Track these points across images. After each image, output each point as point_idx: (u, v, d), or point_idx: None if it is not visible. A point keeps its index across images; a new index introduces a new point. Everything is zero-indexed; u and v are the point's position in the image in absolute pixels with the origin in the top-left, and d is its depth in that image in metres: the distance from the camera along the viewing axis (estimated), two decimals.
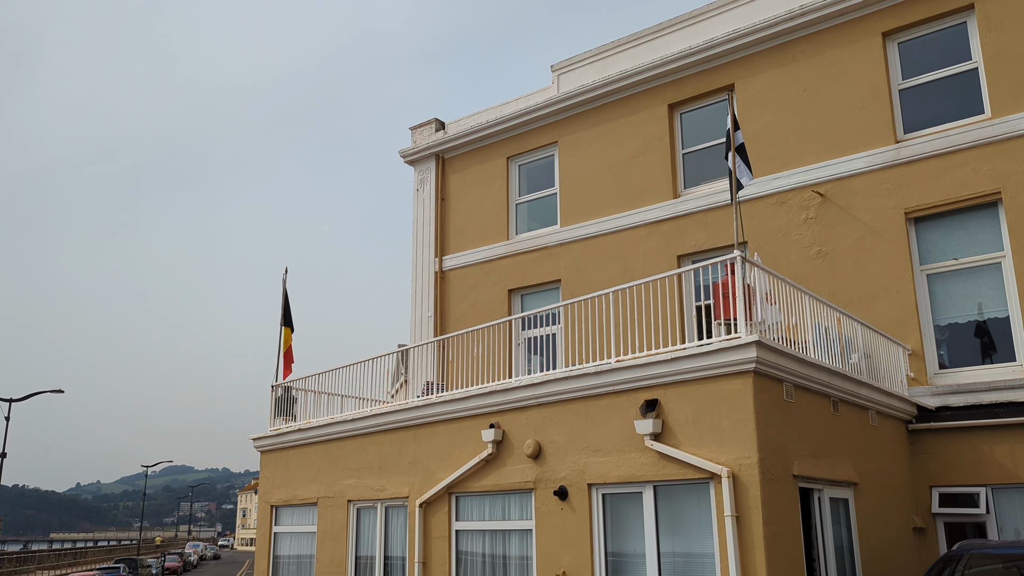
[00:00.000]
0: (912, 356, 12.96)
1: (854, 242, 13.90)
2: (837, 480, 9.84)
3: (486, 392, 11.05)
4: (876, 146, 14.01)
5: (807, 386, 9.57)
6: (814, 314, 10.44)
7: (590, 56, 18.27)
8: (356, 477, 12.98)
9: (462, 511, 11.34)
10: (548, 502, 10.15)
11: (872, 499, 10.70)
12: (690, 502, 8.95)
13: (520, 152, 18.95)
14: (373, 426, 12.77)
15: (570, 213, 17.68)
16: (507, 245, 18.51)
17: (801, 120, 14.92)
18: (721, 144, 16.00)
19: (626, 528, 9.46)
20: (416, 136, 20.96)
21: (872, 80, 14.27)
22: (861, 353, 11.40)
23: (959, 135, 13.21)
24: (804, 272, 14.25)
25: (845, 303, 13.63)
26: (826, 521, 9.53)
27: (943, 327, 13.10)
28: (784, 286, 9.94)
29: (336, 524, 13.16)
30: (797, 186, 14.67)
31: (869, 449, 10.92)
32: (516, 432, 10.72)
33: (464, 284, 19.12)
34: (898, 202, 13.60)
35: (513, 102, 19.32)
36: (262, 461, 15.15)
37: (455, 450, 11.48)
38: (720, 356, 8.74)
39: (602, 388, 9.80)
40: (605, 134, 17.49)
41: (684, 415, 9.05)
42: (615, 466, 9.52)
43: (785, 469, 8.83)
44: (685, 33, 16.90)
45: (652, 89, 16.96)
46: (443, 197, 20.13)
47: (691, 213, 15.83)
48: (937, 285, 13.24)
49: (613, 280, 16.43)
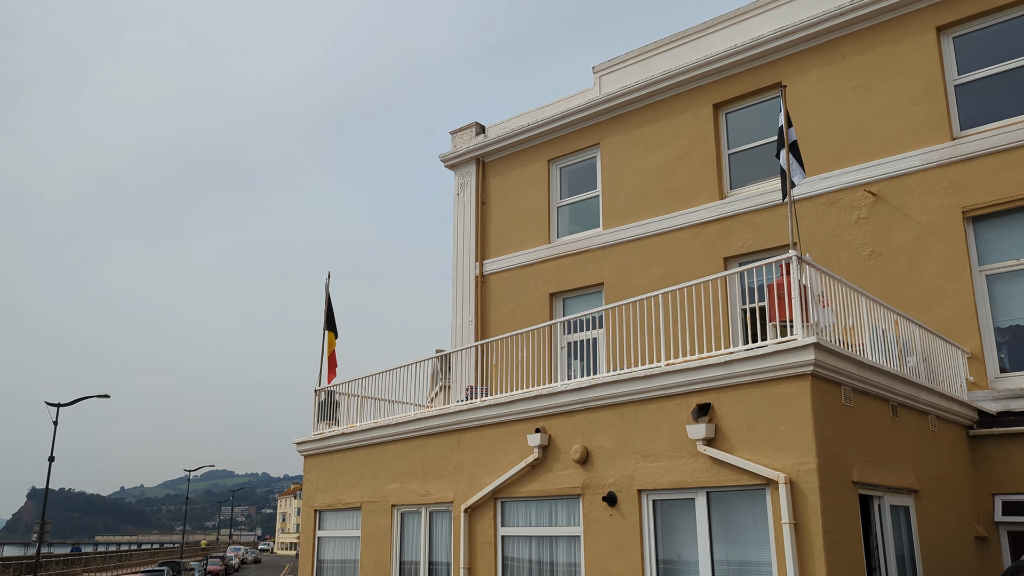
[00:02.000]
0: (971, 359, 12.54)
1: (908, 242, 13.51)
2: (897, 487, 9.51)
3: (532, 396, 10.88)
4: (931, 143, 13.61)
5: (865, 390, 9.26)
6: (871, 316, 10.12)
7: (632, 57, 18.06)
8: (400, 482, 12.88)
9: (508, 517, 11.18)
10: (596, 508, 9.95)
11: (933, 507, 10.33)
12: (745, 509, 8.68)
13: (561, 155, 18.78)
14: (417, 430, 12.67)
15: (612, 215, 17.47)
16: (548, 248, 18.34)
17: (851, 118, 14.55)
18: (768, 144, 15.69)
19: (678, 535, 9.22)
20: (456, 140, 20.90)
21: (926, 76, 13.87)
22: (919, 356, 11.03)
23: (1019, 131, 12.76)
24: (856, 274, 13.88)
25: (899, 305, 13.23)
26: (887, 529, 9.20)
27: (1003, 329, 12.65)
28: (840, 287, 9.64)
29: (380, 529, 13.08)
30: (848, 185, 14.31)
31: (929, 455, 10.55)
32: (563, 437, 10.53)
33: (505, 288, 18.98)
34: (955, 201, 13.18)
35: (554, 104, 19.18)
36: (305, 465, 15.13)
37: (500, 455, 11.33)
38: (776, 359, 8.47)
39: (652, 392, 9.58)
40: (648, 135, 17.26)
41: (738, 419, 8.79)
42: (666, 472, 9.29)
43: (844, 475, 8.53)
44: (729, 32, 16.63)
45: (696, 89, 16.70)
46: (483, 201, 20.03)
47: (738, 214, 15.53)
48: (997, 286, 12.80)
49: (657, 283, 16.18)
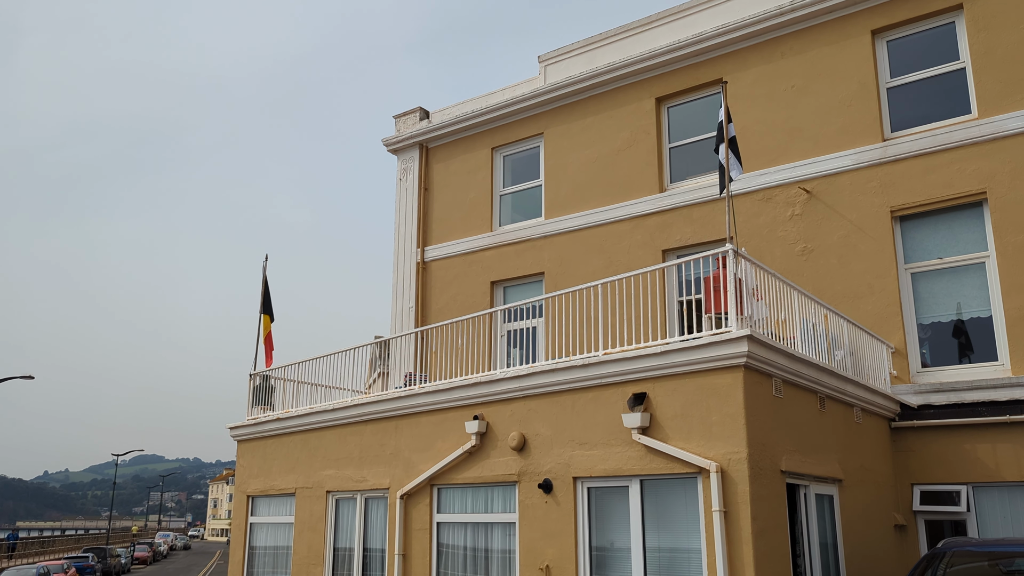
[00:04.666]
0: (895, 354, 12.99)
1: (839, 239, 13.90)
2: (823, 476, 9.82)
3: (471, 383, 10.91)
4: (863, 144, 14.01)
5: (795, 382, 9.53)
6: (802, 310, 10.40)
7: (577, 48, 18.14)
8: (335, 468, 12.79)
9: (444, 503, 11.20)
10: (532, 495, 10.04)
11: (856, 496, 10.70)
12: (677, 497, 8.87)
13: (505, 143, 18.79)
14: (354, 416, 12.59)
15: (555, 205, 17.56)
16: (490, 237, 18.35)
17: (788, 116, 14.89)
18: (707, 139, 15.94)
19: (612, 522, 9.37)
20: (400, 125, 20.72)
21: (860, 78, 14.26)
22: (847, 350, 11.40)
23: (946, 134, 13.23)
24: (789, 269, 14.24)
25: (829, 300, 13.63)
26: (811, 517, 9.50)
27: (926, 326, 13.14)
28: (773, 281, 9.88)
29: (314, 515, 12.97)
30: (783, 182, 14.65)
31: (853, 446, 10.92)
32: (500, 424, 10.59)
33: (446, 275, 18.94)
34: (884, 200, 13.61)
35: (499, 92, 19.15)
36: (239, 450, 14.91)
37: (437, 442, 11.34)
38: (711, 350, 8.66)
39: (589, 381, 9.70)
40: (591, 127, 17.38)
41: (672, 409, 8.97)
42: (601, 459, 9.42)
43: (773, 465, 8.78)
44: (673, 27, 16.82)
45: (639, 82, 16.87)
46: (426, 187, 19.92)
47: (677, 208, 15.77)
48: (921, 284, 13.27)
49: (597, 273, 16.33)
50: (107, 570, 49.43)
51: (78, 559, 45.19)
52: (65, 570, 39.99)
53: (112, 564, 50.54)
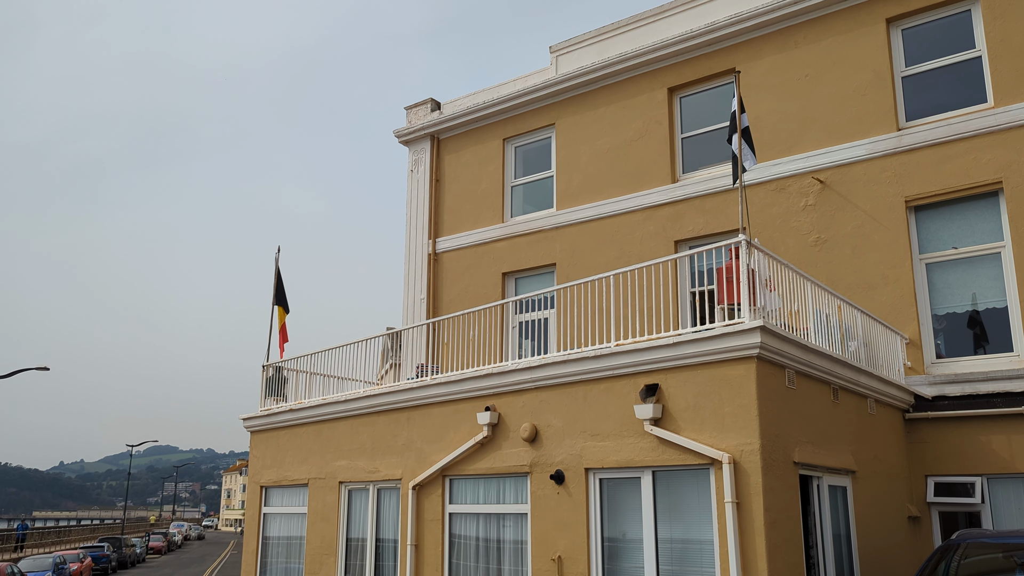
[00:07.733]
0: (910, 345, 12.91)
1: (853, 230, 13.81)
2: (836, 468, 9.78)
3: (482, 375, 10.91)
4: (878, 133, 13.90)
5: (808, 373, 9.49)
6: (815, 301, 10.34)
7: (590, 38, 18.06)
8: (348, 458, 12.84)
9: (456, 494, 11.22)
10: (544, 486, 10.05)
11: (869, 487, 10.66)
12: (689, 488, 8.86)
13: (517, 134, 18.75)
14: (366, 407, 12.62)
15: (566, 196, 17.52)
16: (502, 228, 18.33)
17: (802, 106, 14.78)
18: (720, 129, 15.85)
19: (623, 513, 9.37)
20: (411, 116, 20.71)
21: (875, 67, 14.14)
22: (860, 341, 11.33)
23: (961, 124, 13.11)
24: (802, 259, 14.16)
25: (843, 291, 13.55)
26: (824, 509, 9.47)
27: (941, 316, 13.04)
28: (786, 272, 9.83)
29: (327, 505, 13.03)
30: (797, 172, 14.56)
31: (867, 437, 10.87)
32: (512, 415, 10.59)
33: (457, 267, 18.94)
34: (899, 190, 13.50)
35: (510, 83, 19.10)
36: (252, 441, 14.98)
37: (450, 432, 11.36)
38: (723, 341, 8.62)
39: (601, 372, 9.68)
40: (603, 117, 17.31)
41: (685, 400, 8.94)
42: (613, 451, 9.41)
43: (786, 456, 8.75)
44: (686, 16, 16.72)
45: (652, 72, 16.78)
46: (437, 178, 19.91)
47: (689, 198, 15.70)
48: (936, 274, 13.18)
49: (609, 265, 16.30)
50: (122, 560, 49.81)
51: (94, 549, 45.56)
52: (81, 560, 40.34)
53: (127, 554, 50.92)
